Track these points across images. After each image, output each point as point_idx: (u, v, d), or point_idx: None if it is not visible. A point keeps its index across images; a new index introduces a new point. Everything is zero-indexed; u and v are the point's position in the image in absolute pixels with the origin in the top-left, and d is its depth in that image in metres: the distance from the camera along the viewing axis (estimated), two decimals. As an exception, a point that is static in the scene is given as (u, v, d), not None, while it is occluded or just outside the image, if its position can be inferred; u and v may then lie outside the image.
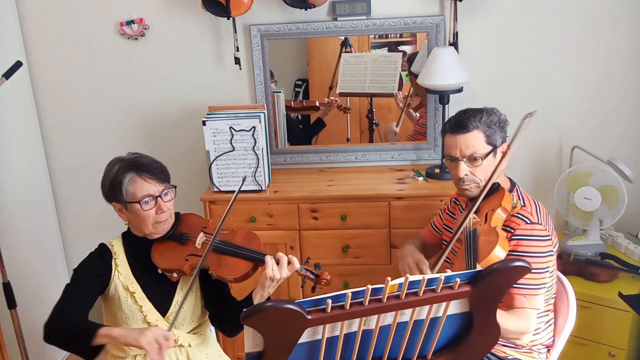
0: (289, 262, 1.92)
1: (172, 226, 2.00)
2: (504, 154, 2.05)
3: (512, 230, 1.94)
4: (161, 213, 1.93)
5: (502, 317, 1.81)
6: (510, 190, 2.06)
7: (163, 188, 1.93)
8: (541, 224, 1.96)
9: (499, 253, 1.85)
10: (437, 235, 2.34)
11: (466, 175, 2.00)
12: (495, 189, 2.02)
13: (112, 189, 1.92)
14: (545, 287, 1.96)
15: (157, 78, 3.04)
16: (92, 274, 1.95)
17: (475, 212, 2.01)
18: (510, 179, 2.12)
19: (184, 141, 3.10)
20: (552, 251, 1.98)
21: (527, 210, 1.98)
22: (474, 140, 1.98)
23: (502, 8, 2.78)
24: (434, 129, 2.92)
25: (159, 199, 1.92)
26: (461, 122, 2.00)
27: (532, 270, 1.85)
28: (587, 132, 2.88)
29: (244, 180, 2.13)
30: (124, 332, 1.79)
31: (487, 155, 1.99)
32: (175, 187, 1.98)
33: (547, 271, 1.95)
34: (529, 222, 1.94)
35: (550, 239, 1.98)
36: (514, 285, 1.88)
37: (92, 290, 1.94)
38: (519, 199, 2.02)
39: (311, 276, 1.99)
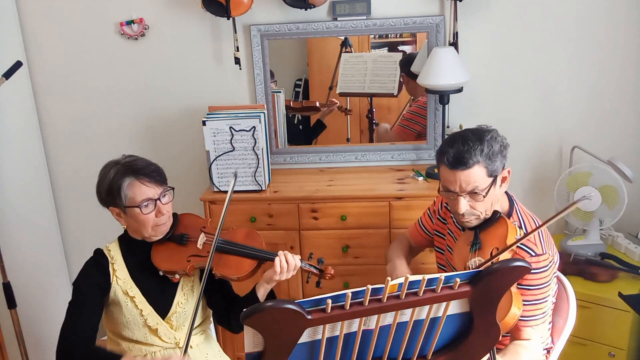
0: (295, 267, 1.96)
1: (170, 227, 2.00)
2: (504, 179, 1.94)
3: None
4: (161, 216, 1.93)
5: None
6: (510, 212, 1.98)
7: (161, 191, 1.93)
8: (545, 252, 1.89)
9: (516, 312, 1.76)
10: (426, 237, 2.28)
11: (467, 209, 1.89)
12: (496, 219, 1.91)
13: (110, 194, 1.90)
14: (549, 314, 1.96)
15: (157, 78, 3.04)
16: (92, 286, 1.93)
17: (478, 248, 1.90)
18: (507, 193, 2.02)
19: (184, 141, 3.10)
20: (555, 273, 1.96)
21: (530, 240, 1.89)
22: (475, 176, 1.84)
23: (502, 8, 2.78)
24: (434, 128, 2.92)
25: (158, 202, 1.91)
26: (461, 158, 1.83)
27: (538, 301, 1.87)
28: (587, 132, 2.88)
29: (235, 176, 2.09)
30: None
31: (488, 189, 1.87)
32: (173, 188, 1.98)
33: (550, 295, 1.94)
34: (533, 254, 1.87)
35: (554, 262, 1.94)
36: (521, 318, 1.83)
37: (96, 304, 1.93)
38: (521, 226, 1.93)
39: (315, 271, 2.00)
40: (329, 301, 1.29)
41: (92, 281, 1.94)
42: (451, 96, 2.74)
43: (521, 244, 1.87)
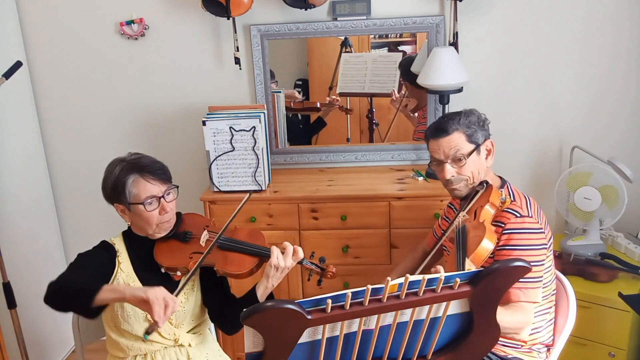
0: (294, 252, 1.94)
1: (174, 225, 2.01)
2: (489, 152, 2.08)
3: (503, 225, 1.95)
4: (164, 213, 1.94)
5: (498, 313, 1.81)
6: (501, 188, 2.07)
7: (166, 188, 1.94)
8: (532, 216, 1.98)
9: (487, 245, 1.86)
10: (437, 242, 2.34)
11: (453, 176, 2.04)
12: (484, 187, 2.04)
13: (115, 191, 1.92)
14: (541, 281, 1.96)
15: (157, 78, 3.05)
16: (97, 262, 1.95)
17: (466, 211, 2.03)
18: (500, 177, 2.14)
19: (184, 141, 3.10)
20: (545, 244, 1.98)
21: (517, 205, 2.00)
22: (456, 141, 2.03)
23: (502, 8, 2.78)
24: (434, 129, 2.92)
25: (162, 199, 1.93)
26: (440, 126, 2.05)
27: None
28: (587, 132, 2.88)
29: (250, 194, 2.14)
30: (131, 287, 1.79)
31: (470, 153, 2.03)
32: (177, 187, 1.99)
33: (542, 264, 1.95)
34: (519, 215, 1.95)
35: (543, 232, 1.98)
36: None
37: (94, 275, 1.92)
38: (509, 195, 2.04)
39: (317, 269, 2.01)
40: (329, 301, 1.30)
41: (98, 260, 1.96)
42: (451, 96, 2.74)
43: (507, 208, 1.98)
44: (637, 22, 2.73)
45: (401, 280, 1.33)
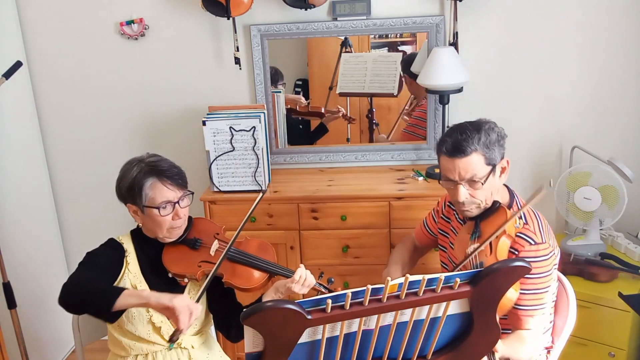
0: (309, 284, 1.96)
1: (184, 230, 2.01)
2: (503, 170, 1.97)
3: (517, 253, 1.89)
4: (177, 219, 1.93)
5: (513, 350, 1.80)
6: (510, 204, 1.99)
7: (181, 194, 1.93)
8: (545, 242, 1.91)
9: (512, 295, 1.77)
10: (430, 237, 2.32)
11: (466, 198, 1.92)
12: (496, 208, 1.93)
13: (131, 192, 1.90)
14: (550, 304, 1.96)
15: (157, 78, 3.04)
16: (106, 262, 1.93)
17: (478, 237, 1.91)
18: (507, 187, 2.05)
19: (184, 141, 3.10)
20: (555, 264, 1.96)
21: (529, 229, 1.91)
22: (474, 164, 1.88)
23: (502, 8, 2.78)
24: (434, 128, 2.92)
25: (176, 205, 1.92)
26: (459, 146, 1.88)
27: (538, 290, 1.87)
28: (587, 132, 2.88)
29: (263, 192, 2.10)
30: (156, 293, 1.75)
31: (487, 177, 1.90)
32: (192, 193, 1.98)
33: (551, 286, 1.95)
34: (533, 243, 1.89)
35: (554, 254, 1.94)
36: (521, 307, 1.87)
37: (105, 272, 1.91)
38: (521, 216, 1.94)
39: (324, 291, 2.02)
40: (329, 301, 1.30)
41: (108, 258, 1.94)
42: (451, 96, 2.74)
43: (520, 232, 1.89)
44: (636, 21, 2.73)
45: (401, 280, 1.33)
